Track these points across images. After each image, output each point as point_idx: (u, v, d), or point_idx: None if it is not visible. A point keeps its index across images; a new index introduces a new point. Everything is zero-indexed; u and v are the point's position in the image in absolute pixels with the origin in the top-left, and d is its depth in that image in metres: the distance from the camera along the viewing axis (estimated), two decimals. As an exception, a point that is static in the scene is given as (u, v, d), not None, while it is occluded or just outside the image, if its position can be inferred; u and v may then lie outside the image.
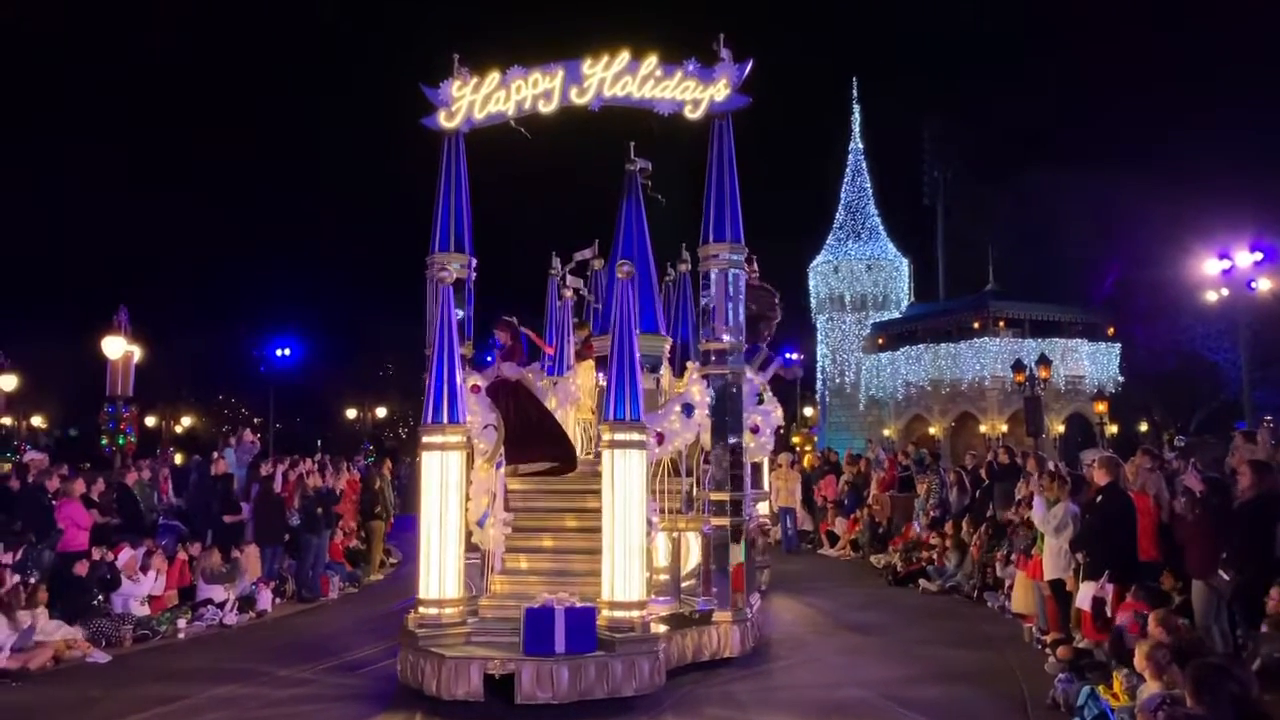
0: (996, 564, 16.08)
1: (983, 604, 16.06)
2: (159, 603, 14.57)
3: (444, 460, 11.01)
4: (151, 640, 13.62)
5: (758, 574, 17.02)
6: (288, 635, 14.38)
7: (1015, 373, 37.13)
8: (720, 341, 12.25)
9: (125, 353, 26.39)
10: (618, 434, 10.57)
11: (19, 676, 11.36)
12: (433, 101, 13.14)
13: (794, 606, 16.32)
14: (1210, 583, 10.17)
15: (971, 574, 16.96)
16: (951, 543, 18.00)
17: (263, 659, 12.48)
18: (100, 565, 14.08)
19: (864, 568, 21.17)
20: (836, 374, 59.48)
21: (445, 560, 10.90)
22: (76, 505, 14.88)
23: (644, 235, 14.43)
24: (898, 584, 18.49)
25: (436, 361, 11.09)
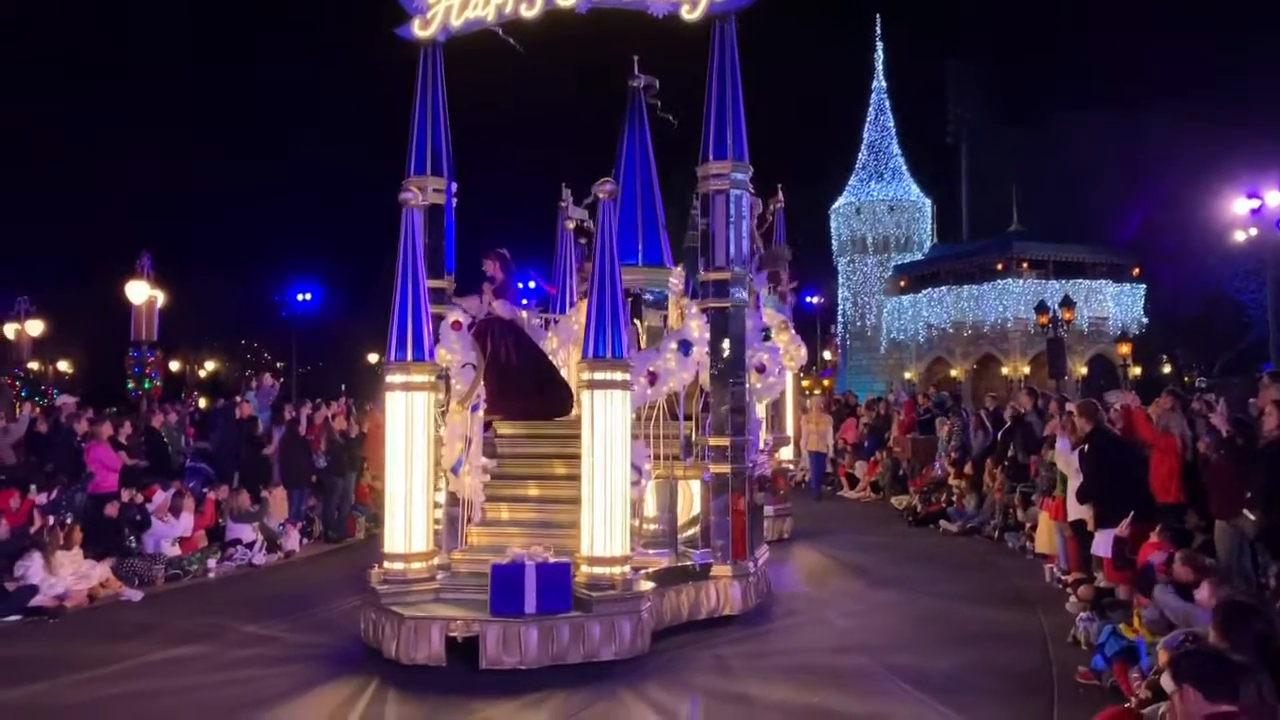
0: (1017, 506, 15.61)
1: (1003, 544, 15.52)
2: (189, 543, 14.42)
3: (409, 401, 9.66)
4: (182, 580, 13.57)
5: (777, 522, 15.92)
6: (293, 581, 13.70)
7: (1038, 314, 36.39)
8: (720, 271, 10.81)
9: (149, 297, 25.97)
10: (597, 373, 9.17)
11: (56, 614, 11.34)
12: (406, 9, 11.70)
13: (809, 555, 15.09)
14: (1234, 523, 10.09)
15: (992, 515, 16.52)
16: (970, 483, 17.59)
17: (243, 611, 11.50)
18: (131, 507, 13.98)
19: (884, 510, 20.34)
20: (858, 317, 58.00)
21: (412, 511, 9.57)
22: (105, 448, 14.78)
23: (648, 160, 13.02)
24: (918, 525, 17.90)
25: (400, 292, 9.73)
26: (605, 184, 9.51)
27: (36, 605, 11.36)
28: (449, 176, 11.76)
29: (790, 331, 15.93)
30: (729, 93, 10.79)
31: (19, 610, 11.26)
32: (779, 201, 17.72)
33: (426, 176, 11.55)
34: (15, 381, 43.51)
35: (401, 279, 9.75)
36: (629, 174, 13.01)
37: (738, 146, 10.79)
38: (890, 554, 15.01)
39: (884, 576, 13.24)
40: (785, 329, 15.79)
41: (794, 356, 15.99)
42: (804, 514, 17.96)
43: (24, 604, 11.33)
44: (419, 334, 9.71)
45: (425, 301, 9.85)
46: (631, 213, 12.89)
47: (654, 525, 10.78)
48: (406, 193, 9.97)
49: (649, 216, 12.86)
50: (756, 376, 11.33)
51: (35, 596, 11.45)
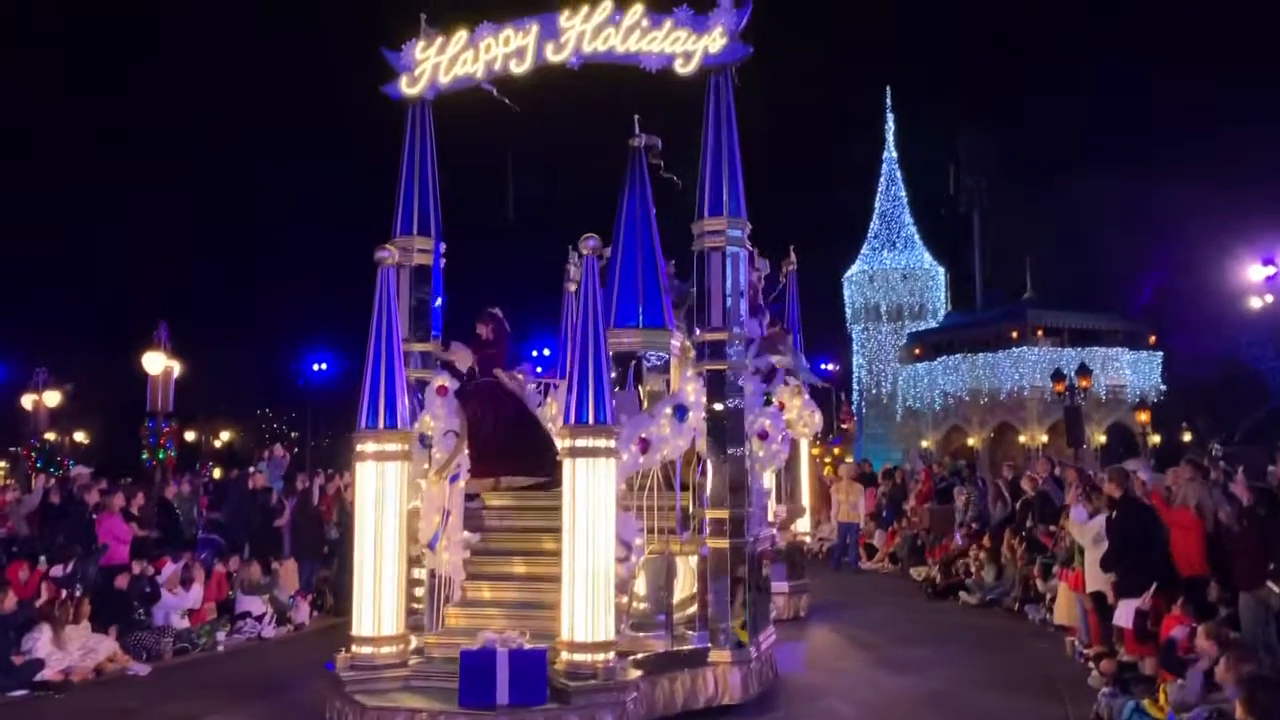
0: (1036, 578, 15.06)
1: (1024, 617, 14.84)
2: (198, 615, 14.06)
3: (380, 472, 8.89)
4: (191, 653, 13.21)
5: (793, 599, 14.94)
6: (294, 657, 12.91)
7: (1055, 382, 35.56)
8: (717, 331, 10.02)
9: (165, 368, 25.51)
10: (579, 440, 8.37)
11: (62, 688, 11.03)
12: (394, 66, 11.11)
13: (824, 633, 14.13)
14: (1259, 595, 9.64)
15: (1012, 587, 15.91)
16: (988, 554, 16.90)
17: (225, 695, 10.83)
18: (141, 579, 13.63)
19: (903, 582, 19.51)
20: (873, 385, 57.16)
21: (381, 590, 8.75)
22: (116, 519, 14.50)
23: (649, 220, 12.35)
24: (937, 597, 17.26)
25: (374, 356, 9.01)
26: (589, 240, 8.80)
27: (42, 680, 11.02)
28: (437, 237, 11.12)
29: (804, 397, 15.10)
30: (725, 147, 10.10)
31: (25, 685, 10.90)
32: (792, 264, 16.91)
33: (413, 237, 10.95)
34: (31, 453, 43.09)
35: (375, 341, 9.06)
36: (629, 234, 12.35)
37: (734, 202, 10.07)
38: (908, 631, 14.14)
39: (900, 658, 12.31)
40: (798, 394, 14.97)
41: (808, 423, 15.17)
42: (823, 586, 17.15)
43: (30, 678, 10.98)
44: (392, 399, 8.97)
45: (399, 365, 9.14)
46: (632, 274, 12.20)
47: (645, 604, 9.89)
48: (382, 251, 9.29)
49: (650, 278, 12.17)
50: (759, 444, 10.48)
51: (42, 670, 11.10)
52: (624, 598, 9.20)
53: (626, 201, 12.52)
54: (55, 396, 38.35)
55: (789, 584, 15.02)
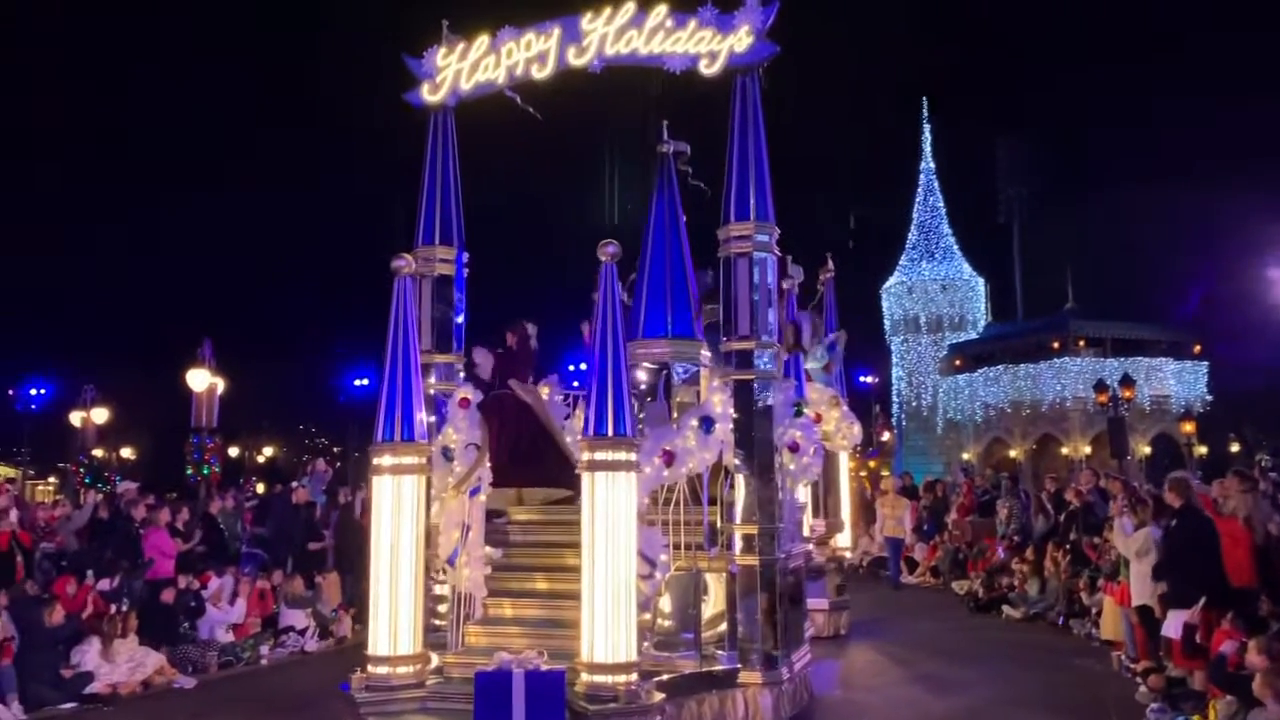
0: (1081, 591, 14.72)
1: (1068, 631, 14.44)
2: (242, 629, 14.16)
3: (397, 486, 8.55)
4: (235, 666, 13.27)
5: (833, 617, 14.41)
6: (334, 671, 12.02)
7: (1098, 393, 34.91)
8: (744, 340, 9.61)
9: (209, 385, 26.24)
10: (598, 453, 7.99)
11: (110, 701, 11.13)
12: (416, 74, 10.85)
13: (863, 652, 13.58)
14: None
15: (1056, 600, 15.47)
16: (1033, 568, 16.48)
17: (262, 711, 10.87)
18: (186, 593, 13.78)
19: (945, 596, 19.01)
20: (913, 397, 56.19)
21: (397, 608, 8.40)
22: (162, 534, 14.57)
23: (678, 228, 12.02)
24: (980, 611, 16.80)
25: (390, 368, 8.69)
26: (607, 246, 8.43)
27: (92, 693, 11.10)
28: (460, 246, 10.81)
29: (842, 408, 14.62)
30: (751, 150, 9.71)
31: (75, 698, 10.97)
32: (829, 271, 16.45)
33: (434, 246, 10.65)
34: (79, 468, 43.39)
35: (391, 353, 8.74)
36: (658, 242, 12.03)
37: (761, 206, 9.66)
38: (950, 648, 13.61)
39: (942, 676, 11.80)
40: (836, 405, 14.50)
41: (846, 435, 14.70)
42: (864, 602, 16.68)
43: (80, 691, 11.06)
44: (409, 412, 8.64)
45: (416, 377, 8.82)
46: (660, 283, 11.87)
47: (671, 623, 9.46)
48: (398, 260, 8.96)
49: (679, 287, 11.83)
50: (790, 456, 10.03)
51: (91, 684, 11.17)
52: (648, 616, 8.80)
53: (654, 209, 12.20)
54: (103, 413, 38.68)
55: (828, 601, 14.54)
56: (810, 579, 13.90)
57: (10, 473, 48.79)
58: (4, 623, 11.01)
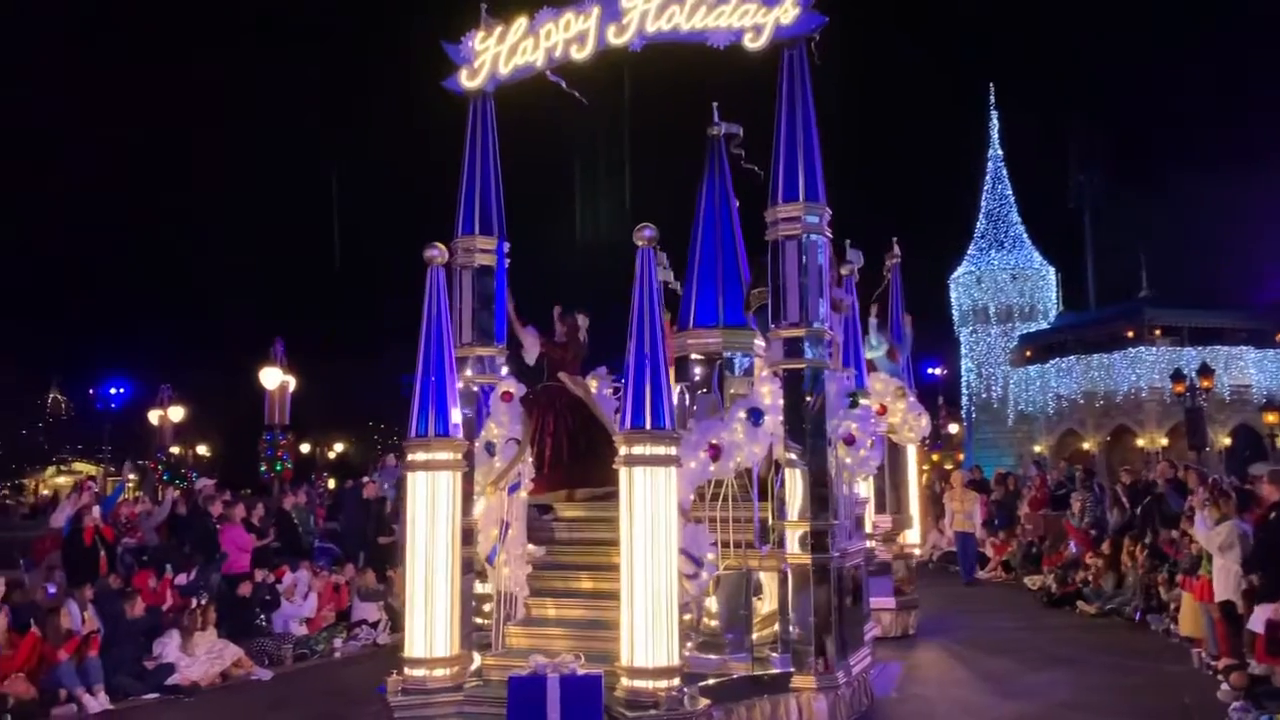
0: (1160, 585, 14.21)
1: (1145, 628, 13.92)
2: (315, 623, 14.30)
3: (431, 483, 8.14)
4: (310, 659, 13.39)
5: (901, 616, 13.76)
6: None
7: (1174, 383, 34.31)
8: (794, 327, 9.04)
9: (281, 383, 26.87)
10: (635, 447, 7.51)
11: (190, 692, 11.31)
12: (454, 60, 10.43)
13: (930, 653, 12.92)
14: None
15: (1133, 595, 14.95)
16: (1108, 563, 16.01)
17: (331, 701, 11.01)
18: (262, 586, 13.96)
19: (1017, 592, 18.39)
20: (982, 389, 54.82)
21: (434, 608, 7.99)
22: (238, 529, 14.79)
23: (729, 213, 11.53)
24: (1053, 606, 16.36)
25: (423, 361, 8.29)
26: (644, 230, 7.93)
27: (173, 684, 11.28)
28: (500, 236, 10.38)
29: (909, 399, 13.99)
30: (800, 127, 9.14)
31: (157, 689, 11.13)
32: (896, 257, 15.68)
33: (475, 236, 10.21)
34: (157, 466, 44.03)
35: (424, 345, 8.34)
36: (708, 228, 11.54)
37: (810, 186, 9.08)
38: (1022, 647, 12.98)
39: (1012, 679, 11.16)
40: (903, 397, 13.86)
41: (914, 427, 14.08)
42: (936, 598, 16.15)
43: (161, 682, 11.23)
44: (442, 406, 8.23)
45: (450, 370, 8.40)
46: (711, 271, 11.38)
47: (718, 624, 8.95)
48: (431, 250, 8.54)
49: (731, 274, 11.33)
50: (845, 449, 9.44)
51: (172, 675, 11.35)
52: (693, 617, 8.33)
53: (705, 194, 11.70)
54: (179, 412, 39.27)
55: (895, 599, 13.85)
56: (876, 576, 13.31)
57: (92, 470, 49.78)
58: (90, 616, 11.21)
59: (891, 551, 14.14)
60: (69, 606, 11.09)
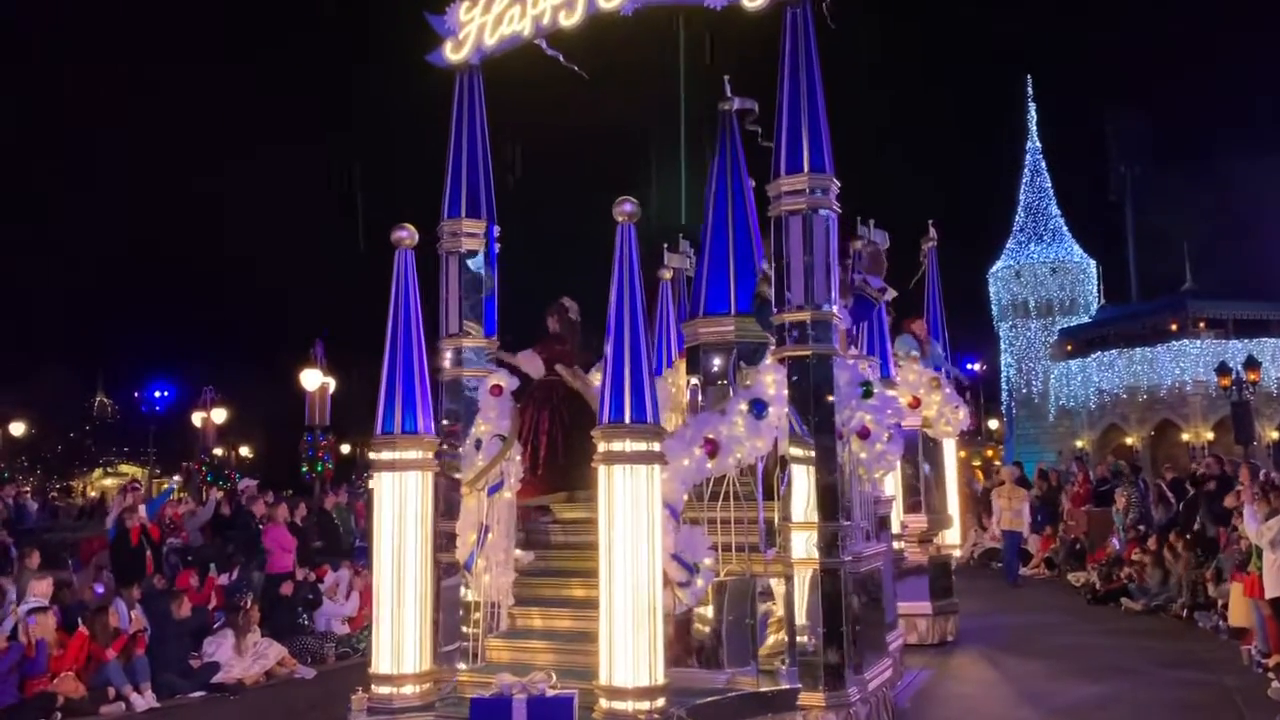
0: (1208, 582, 13.80)
1: (1193, 624, 13.53)
2: (357, 621, 13.98)
3: (398, 484, 7.32)
4: (352, 657, 13.03)
5: (939, 622, 12.67)
6: None
7: (1220, 376, 33.15)
8: (799, 311, 8.07)
9: (321, 384, 26.44)
10: (614, 443, 6.62)
11: (236, 690, 11.29)
12: (439, 32, 9.58)
13: (968, 659, 11.92)
14: None
15: (1179, 592, 14.55)
16: (1154, 559, 15.47)
17: None
18: (304, 586, 13.86)
19: (1059, 591, 17.80)
20: (1023, 384, 53.35)
21: (402, 621, 7.17)
22: (281, 529, 14.67)
23: (742, 194, 10.52)
24: (1097, 603, 15.98)
25: (390, 352, 7.49)
26: (623, 203, 7.01)
27: (219, 682, 11.26)
28: (489, 219, 9.52)
29: (945, 391, 12.87)
30: (804, 92, 8.16)
31: (203, 687, 11.07)
32: (932, 240, 14.64)
33: (461, 219, 9.36)
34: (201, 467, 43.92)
35: (391, 335, 7.52)
36: (719, 210, 10.52)
37: (815, 156, 8.10)
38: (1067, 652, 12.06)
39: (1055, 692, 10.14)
40: (938, 388, 12.78)
41: (951, 421, 12.97)
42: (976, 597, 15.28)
43: (207, 680, 11.19)
44: (410, 400, 7.42)
45: (419, 362, 7.58)
46: (722, 254, 10.38)
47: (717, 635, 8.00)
48: (399, 231, 7.69)
49: (744, 259, 10.34)
50: (859, 443, 8.47)
51: (217, 674, 11.34)
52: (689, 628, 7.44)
53: (716, 174, 10.69)
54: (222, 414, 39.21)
55: (932, 604, 12.73)
56: (909, 579, 12.40)
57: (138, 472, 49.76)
58: (138, 615, 11.24)
59: (928, 553, 13.08)
60: (116, 606, 11.11)
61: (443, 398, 9.08)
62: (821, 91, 8.28)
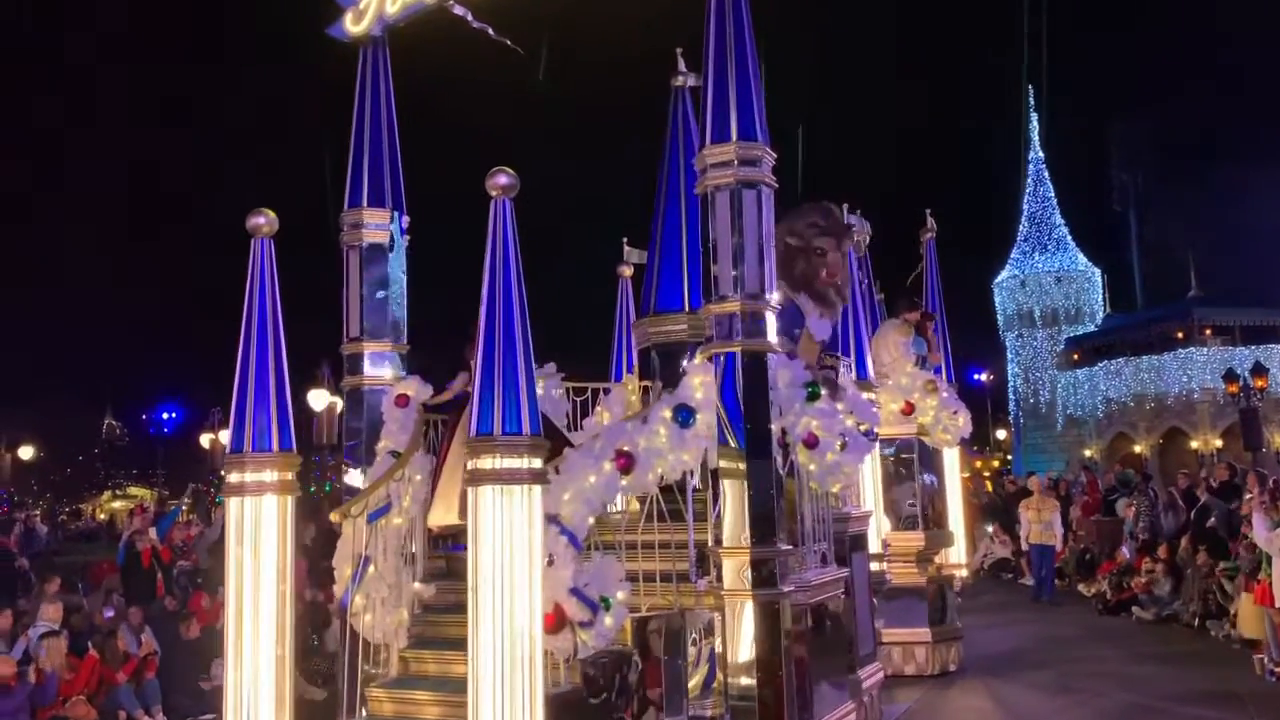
0: (1217, 590, 13.30)
1: (1205, 634, 13.02)
2: None
3: (252, 510, 6.05)
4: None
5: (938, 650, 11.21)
6: None
7: (1228, 383, 31.80)
8: (725, 301, 6.77)
9: (329, 404, 25.76)
10: (483, 459, 5.33)
11: None
12: (339, 2, 8.43)
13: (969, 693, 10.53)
14: None
15: (1190, 601, 14.02)
16: (1165, 568, 14.99)
17: None
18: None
19: (1071, 598, 17.23)
20: (1030, 394, 51.77)
21: (257, 668, 5.91)
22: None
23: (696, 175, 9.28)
24: (1108, 613, 15.48)
25: (241, 358, 6.21)
26: (497, 175, 5.70)
27: None
28: (398, 208, 8.30)
29: (941, 394, 11.42)
30: (732, 52, 6.89)
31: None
32: (930, 230, 13.22)
33: (363, 209, 8.15)
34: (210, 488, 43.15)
35: (244, 339, 6.24)
36: (672, 198, 9.12)
37: (745, 123, 6.79)
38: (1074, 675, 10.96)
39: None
40: (934, 391, 11.35)
41: (949, 427, 11.49)
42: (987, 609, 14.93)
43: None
44: (264, 414, 6.13)
45: (279, 368, 6.28)
46: (675, 244, 8.99)
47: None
48: (256, 217, 6.39)
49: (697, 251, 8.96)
50: (806, 453, 7.15)
51: None
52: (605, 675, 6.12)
53: (669, 158, 9.27)
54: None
55: (931, 630, 11.26)
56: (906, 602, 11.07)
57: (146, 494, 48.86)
58: (148, 638, 10.89)
59: (926, 574, 11.53)
60: (123, 629, 10.82)
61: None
62: (754, 52, 7.00)
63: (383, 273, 8.14)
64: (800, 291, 8.59)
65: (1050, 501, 18.25)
